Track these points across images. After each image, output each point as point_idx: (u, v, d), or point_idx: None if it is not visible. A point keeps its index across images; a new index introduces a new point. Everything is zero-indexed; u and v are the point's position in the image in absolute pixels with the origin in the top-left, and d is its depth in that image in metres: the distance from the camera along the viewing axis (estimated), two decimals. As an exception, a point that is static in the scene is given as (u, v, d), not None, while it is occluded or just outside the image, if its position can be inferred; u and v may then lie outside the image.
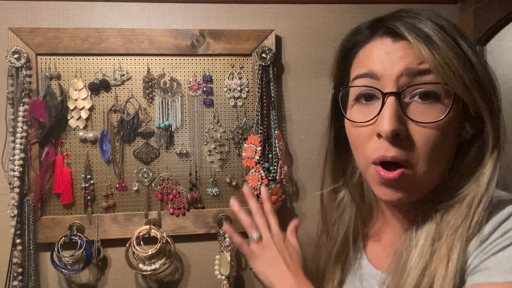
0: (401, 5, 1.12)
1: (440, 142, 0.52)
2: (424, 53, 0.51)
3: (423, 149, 0.52)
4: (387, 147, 0.52)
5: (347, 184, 0.71)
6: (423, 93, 0.52)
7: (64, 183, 1.03)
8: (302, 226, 1.15)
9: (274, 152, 1.07)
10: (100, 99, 1.06)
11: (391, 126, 0.51)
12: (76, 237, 1.03)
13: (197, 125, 1.10)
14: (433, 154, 0.52)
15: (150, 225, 1.06)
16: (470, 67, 0.51)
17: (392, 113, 0.51)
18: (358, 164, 0.61)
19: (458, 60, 0.50)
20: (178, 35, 1.06)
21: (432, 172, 0.54)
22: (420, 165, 0.53)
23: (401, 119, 0.52)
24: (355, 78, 0.58)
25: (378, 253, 0.67)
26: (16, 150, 0.99)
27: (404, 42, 0.53)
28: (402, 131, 0.51)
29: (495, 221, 0.50)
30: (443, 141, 0.52)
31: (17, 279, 0.99)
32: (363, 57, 0.58)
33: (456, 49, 0.51)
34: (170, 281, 1.11)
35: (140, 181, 1.08)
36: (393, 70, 0.52)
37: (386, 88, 0.53)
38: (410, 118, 0.52)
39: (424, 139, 0.52)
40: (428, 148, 0.52)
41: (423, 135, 0.52)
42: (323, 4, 1.13)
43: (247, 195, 0.80)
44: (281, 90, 1.13)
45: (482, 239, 0.49)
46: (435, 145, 0.52)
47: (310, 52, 1.14)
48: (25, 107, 1.00)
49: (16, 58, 0.99)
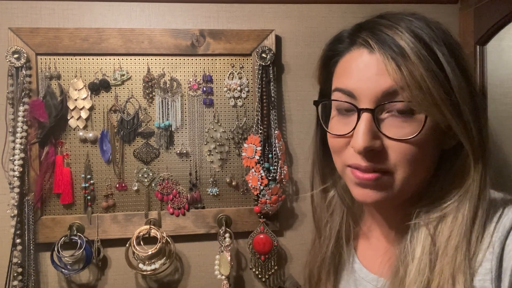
0: (401, 5, 1.12)
1: (417, 155, 0.52)
2: (391, 73, 0.50)
3: (399, 162, 0.52)
4: (362, 158, 0.53)
5: (335, 184, 0.71)
6: (399, 108, 0.51)
7: (64, 183, 1.03)
8: (303, 226, 1.15)
9: (274, 152, 1.07)
10: (100, 99, 1.06)
11: (364, 143, 0.51)
12: (76, 237, 1.03)
13: (197, 125, 1.10)
14: (410, 165, 0.52)
15: (150, 225, 1.06)
16: (442, 82, 0.49)
17: (365, 130, 0.52)
18: (336, 166, 0.61)
19: (428, 77, 0.49)
20: (178, 35, 1.06)
21: (410, 180, 0.53)
22: (396, 174, 0.53)
23: (375, 135, 0.52)
24: (335, 90, 0.58)
25: (369, 256, 0.66)
26: (16, 150, 0.99)
27: (379, 55, 0.52)
28: (376, 146, 0.52)
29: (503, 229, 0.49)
30: (420, 153, 0.52)
31: (17, 279, 0.99)
32: (342, 69, 0.58)
33: (429, 63, 0.50)
34: (170, 281, 1.11)
35: (140, 181, 1.08)
36: (369, 88, 0.52)
37: (361, 104, 0.53)
38: (385, 134, 0.52)
39: (399, 153, 0.52)
40: (404, 161, 0.52)
41: (397, 149, 0.52)
42: (323, 4, 1.13)
43: None
44: (281, 90, 1.13)
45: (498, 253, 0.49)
46: (411, 158, 0.52)
47: (310, 52, 1.14)
48: (25, 107, 1.00)
49: (16, 58, 0.99)
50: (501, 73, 1.05)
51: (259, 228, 1.09)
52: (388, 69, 0.51)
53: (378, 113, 0.53)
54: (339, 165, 0.60)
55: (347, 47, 0.58)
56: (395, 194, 0.54)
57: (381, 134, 0.52)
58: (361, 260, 0.67)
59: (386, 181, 0.53)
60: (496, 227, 0.51)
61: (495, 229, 0.51)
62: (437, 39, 0.52)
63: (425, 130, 0.51)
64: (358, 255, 0.68)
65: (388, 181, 0.53)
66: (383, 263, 0.60)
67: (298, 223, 1.15)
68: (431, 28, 0.53)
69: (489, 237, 0.51)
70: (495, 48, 1.05)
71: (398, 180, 0.53)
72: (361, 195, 0.56)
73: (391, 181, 0.53)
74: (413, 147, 0.51)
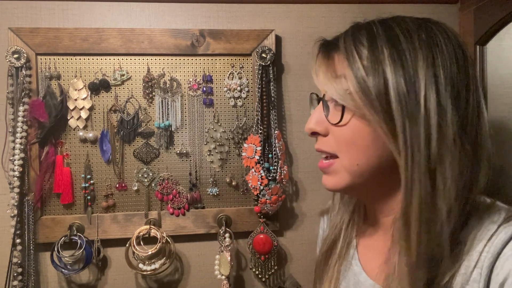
0: (401, 5, 1.12)
1: (351, 140, 0.57)
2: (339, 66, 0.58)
3: (337, 146, 0.59)
4: (316, 143, 0.63)
5: None
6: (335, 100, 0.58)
7: (64, 183, 1.03)
8: (303, 226, 1.15)
9: (274, 152, 1.07)
10: (100, 99, 1.06)
11: (308, 125, 0.62)
12: (76, 237, 1.03)
13: (197, 125, 1.10)
14: (347, 150, 0.58)
15: (150, 225, 1.06)
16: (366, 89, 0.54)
17: (312, 115, 0.62)
18: None
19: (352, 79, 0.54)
20: (178, 35, 1.06)
21: (353, 166, 0.58)
22: (341, 157, 0.59)
23: (322, 120, 0.60)
24: None
25: (371, 260, 0.66)
26: (16, 150, 0.99)
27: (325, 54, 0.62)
28: (319, 130, 0.60)
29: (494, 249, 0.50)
30: (355, 140, 0.56)
31: (17, 279, 0.99)
32: None
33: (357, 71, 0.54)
34: (170, 281, 1.11)
35: (140, 181, 1.08)
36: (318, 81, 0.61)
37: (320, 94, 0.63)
38: (328, 120, 0.59)
39: (336, 136, 0.59)
40: (341, 144, 0.58)
41: (335, 133, 0.59)
42: (323, 4, 1.13)
43: None
44: (281, 90, 1.13)
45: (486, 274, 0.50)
46: (346, 143, 0.57)
47: (310, 52, 1.14)
48: (25, 107, 1.00)
49: (16, 58, 0.99)
50: (501, 73, 1.05)
51: (259, 228, 1.09)
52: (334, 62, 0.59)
53: (327, 102, 0.60)
54: None
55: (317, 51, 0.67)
56: (348, 180, 0.59)
57: (327, 120, 0.59)
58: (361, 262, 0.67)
59: (336, 166, 0.60)
60: (486, 245, 0.50)
61: (484, 247, 0.50)
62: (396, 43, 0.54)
63: (346, 118, 0.56)
64: (360, 257, 0.68)
65: (337, 167, 0.60)
66: (381, 268, 0.60)
67: (298, 223, 1.15)
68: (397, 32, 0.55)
69: (477, 254, 0.51)
70: (495, 48, 1.05)
71: (343, 165, 0.59)
72: (323, 182, 0.63)
73: (339, 167, 0.59)
74: (345, 133, 0.57)
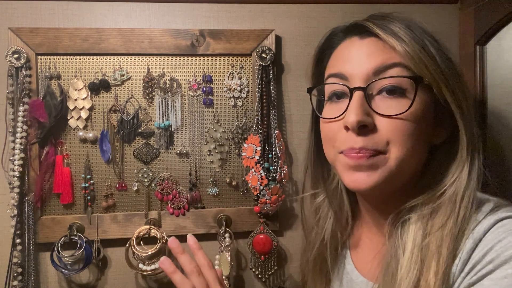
0: (401, 5, 1.12)
1: (407, 134, 0.53)
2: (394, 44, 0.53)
3: (391, 140, 0.53)
4: (355, 139, 0.54)
5: (325, 189, 0.71)
6: (389, 88, 0.53)
7: (64, 183, 1.03)
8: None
9: (274, 152, 1.07)
10: (100, 99, 1.06)
11: (357, 117, 0.52)
12: (76, 237, 1.03)
13: (197, 125, 1.10)
14: (401, 144, 0.53)
15: (150, 225, 1.06)
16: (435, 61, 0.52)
17: (357, 105, 0.53)
18: (328, 156, 0.62)
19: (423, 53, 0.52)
20: (178, 35, 1.06)
21: (403, 162, 0.54)
22: (389, 153, 0.53)
23: (367, 112, 0.53)
24: (328, 77, 0.61)
25: (362, 257, 0.66)
26: (16, 150, 0.99)
27: (370, 39, 0.55)
28: (368, 122, 0.53)
29: (476, 235, 0.49)
30: (411, 133, 0.53)
31: (17, 279, 0.99)
32: (334, 58, 0.61)
33: (423, 43, 0.53)
34: (170, 281, 1.11)
35: (140, 181, 1.08)
36: (360, 68, 0.55)
37: (353, 84, 0.55)
38: (376, 111, 0.53)
39: (391, 130, 0.53)
40: (395, 138, 0.53)
41: (389, 127, 0.53)
42: (323, 4, 1.13)
43: (175, 250, 0.67)
44: (281, 90, 1.13)
45: (465, 260, 0.49)
46: (402, 136, 0.53)
47: (310, 52, 1.12)
48: (25, 107, 1.00)
49: (16, 58, 0.99)
50: (501, 73, 1.05)
51: (259, 228, 1.09)
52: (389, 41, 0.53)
53: (369, 92, 0.54)
54: (332, 154, 0.60)
55: (340, 39, 0.61)
56: (388, 177, 0.54)
57: (372, 111, 0.53)
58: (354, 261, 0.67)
59: (380, 161, 0.54)
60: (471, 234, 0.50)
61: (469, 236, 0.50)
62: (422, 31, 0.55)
63: (414, 108, 0.52)
64: (352, 256, 0.68)
65: (381, 161, 0.54)
66: (374, 266, 0.60)
67: (298, 223, 1.15)
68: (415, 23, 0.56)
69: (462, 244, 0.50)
70: (495, 48, 1.05)
71: (391, 160, 0.53)
72: (353, 181, 0.55)
73: (385, 161, 0.54)
74: (403, 124, 0.52)
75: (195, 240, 0.68)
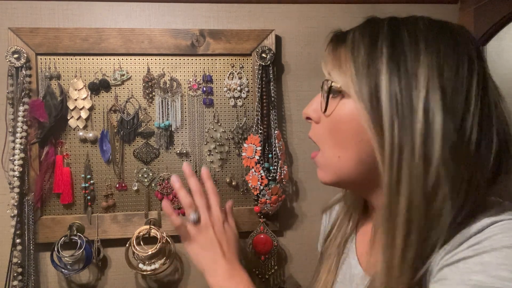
0: (401, 5, 1.12)
1: (332, 133, 0.56)
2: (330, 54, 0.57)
3: (320, 136, 0.58)
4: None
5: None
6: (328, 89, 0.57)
7: (64, 183, 1.03)
8: (303, 226, 1.15)
9: (274, 152, 1.07)
10: (100, 99, 1.06)
11: (304, 109, 0.60)
12: (76, 237, 1.03)
13: (197, 125, 1.10)
14: (328, 141, 0.57)
15: (150, 225, 1.06)
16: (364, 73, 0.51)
17: (312, 100, 0.60)
18: None
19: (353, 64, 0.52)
20: (178, 35, 1.06)
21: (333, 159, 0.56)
22: (323, 148, 0.58)
23: (318, 108, 0.58)
24: None
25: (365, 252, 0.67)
26: (16, 150, 0.99)
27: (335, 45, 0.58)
28: (313, 117, 0.59)
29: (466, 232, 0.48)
30: (337, 133, 0.55)
31: (17, 279, 0.99)
32: None
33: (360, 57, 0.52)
34: (170, 281, 1.11)
35: (140, 181, 1.08)
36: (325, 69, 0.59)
37: None
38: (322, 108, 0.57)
39: (321, 125, 0.58)
40: (323, 135, 0.57)
41: (323, 122, 0.58)
42: (323, 4, 1.13)
43: (187, 173, 0.74)
44: (281, 90, 1.13)
45: (449, 250, 0.48)
46: (328, 134, 0.56)
47: (310, 52, 1.14)
48: (25, 107, 1.00)
49: (16, 58, 0.99)
50: (501, 73, 1.05)
51: (259, 228, 1.09)
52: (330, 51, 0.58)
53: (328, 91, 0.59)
54: None
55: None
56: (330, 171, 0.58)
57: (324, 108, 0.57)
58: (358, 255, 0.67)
59: (320, 158, 0.59)
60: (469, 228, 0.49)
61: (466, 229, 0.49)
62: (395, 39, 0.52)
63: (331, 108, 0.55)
64: (357, 249, 0.69)
65: (321, 158, 0.59)
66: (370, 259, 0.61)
67: (298, 223, 1.15)
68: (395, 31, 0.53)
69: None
70: (495, 48, 1.06)
71: (325, 158, 0.58)
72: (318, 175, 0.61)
73: (322, 158, 0.58)
74: (331, 124, 0.56)
75: (189, 168, 0.75)
